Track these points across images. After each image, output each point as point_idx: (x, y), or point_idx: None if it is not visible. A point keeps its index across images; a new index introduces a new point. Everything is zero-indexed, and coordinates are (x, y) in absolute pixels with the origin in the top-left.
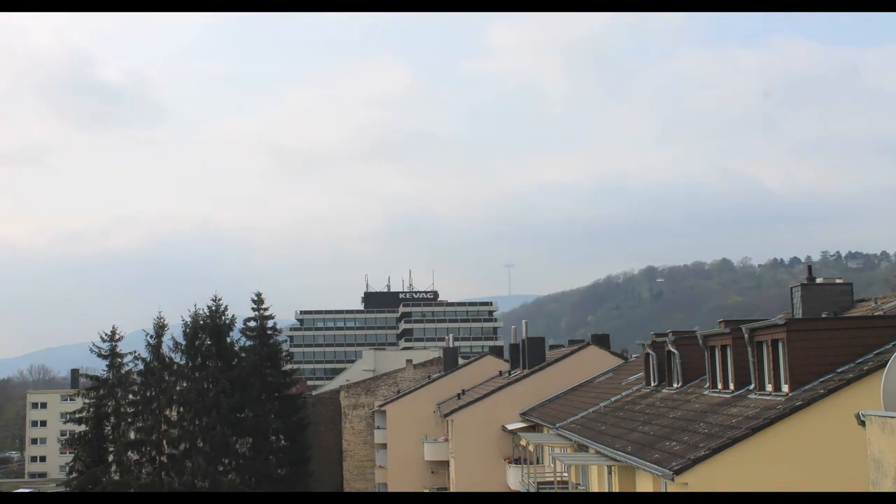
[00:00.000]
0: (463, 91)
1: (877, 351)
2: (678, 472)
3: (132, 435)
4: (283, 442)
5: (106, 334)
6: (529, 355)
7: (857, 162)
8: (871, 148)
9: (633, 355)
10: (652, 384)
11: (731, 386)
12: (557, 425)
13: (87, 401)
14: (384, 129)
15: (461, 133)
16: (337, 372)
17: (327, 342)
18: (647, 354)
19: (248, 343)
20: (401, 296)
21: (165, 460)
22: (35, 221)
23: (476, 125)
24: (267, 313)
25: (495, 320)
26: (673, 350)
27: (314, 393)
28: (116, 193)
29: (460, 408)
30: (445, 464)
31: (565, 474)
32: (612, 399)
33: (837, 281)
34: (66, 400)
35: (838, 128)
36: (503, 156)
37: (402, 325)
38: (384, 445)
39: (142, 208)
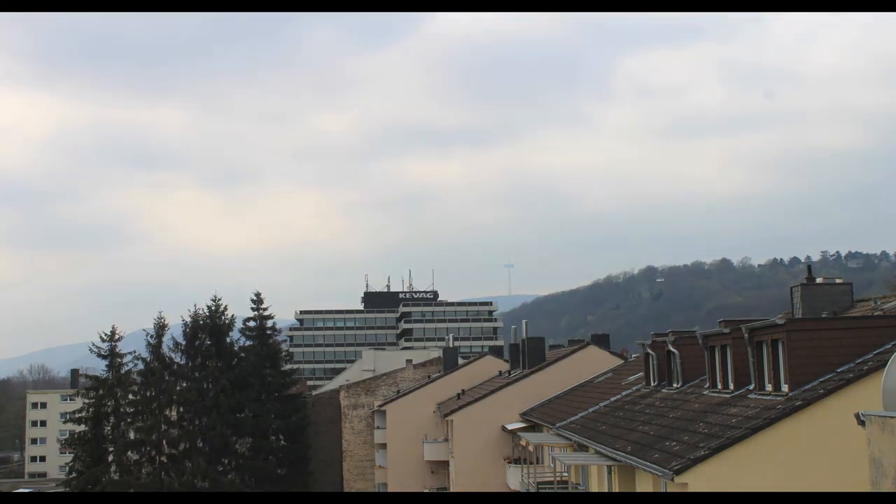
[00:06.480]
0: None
1: (877, 351)
2: (678, 472)
3: (132, 435)
4: (282, 442)
5: (105, 334)
6: (529, 355)
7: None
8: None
9: (633, 355)
10: (652, 384)
11: (731, 386)
12: (557, 425)
13: (86, 401)
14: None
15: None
16: (337, 372)
17: (327, 342)
18: (647, 354)
19: (248, 343)
20: (401, 296)
21: (165, 460)
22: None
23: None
24: (266, 313)
25: (495, 320)
26: (673, 350)
27: (314, 393)
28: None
29: (460, 408)
30: (445, 464)
31: (565, 474)
32: (612, 399)
33: (837, 281)
34: (66, 400)
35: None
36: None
37: (402, 325)
38: (384, 445)
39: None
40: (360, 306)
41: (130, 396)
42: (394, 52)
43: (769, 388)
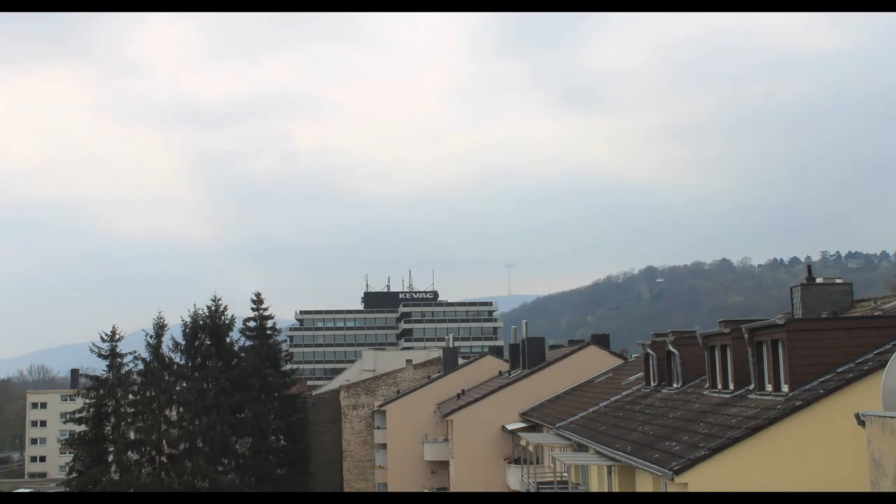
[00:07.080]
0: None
1: (877, 351)
2: (678, 472)
3: (132, 435)
4: (282, 442)
5: (106, 334)
6: (529, 355)
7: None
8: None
9: (633, 355)
10: (652, 384)
11: (731, 386)
12: (557, 425)
13: (87, 401)
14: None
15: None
16: (337, 372)
17: (327, 342)
18: (647, 354)
19: (248, 343)
20: (401, 296)
21: (165, 460)
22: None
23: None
24: (266, 313)
25: (495, 320)
26: (673, 350)
27: (314, 393)
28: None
29: (460, 408)
30: (445, 464)
31: (565, 474)
32: (612, 399)
33: (837, 281)
34: (66, 400)
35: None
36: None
37: (402, 325)
38: (384, 445)
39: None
40: (360, 306)
41: (130, 396)
42: None
43: (769, 388)
